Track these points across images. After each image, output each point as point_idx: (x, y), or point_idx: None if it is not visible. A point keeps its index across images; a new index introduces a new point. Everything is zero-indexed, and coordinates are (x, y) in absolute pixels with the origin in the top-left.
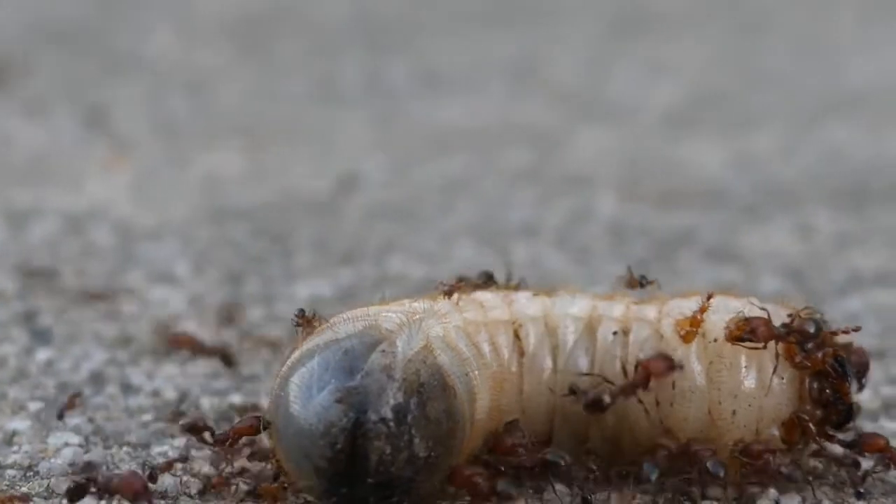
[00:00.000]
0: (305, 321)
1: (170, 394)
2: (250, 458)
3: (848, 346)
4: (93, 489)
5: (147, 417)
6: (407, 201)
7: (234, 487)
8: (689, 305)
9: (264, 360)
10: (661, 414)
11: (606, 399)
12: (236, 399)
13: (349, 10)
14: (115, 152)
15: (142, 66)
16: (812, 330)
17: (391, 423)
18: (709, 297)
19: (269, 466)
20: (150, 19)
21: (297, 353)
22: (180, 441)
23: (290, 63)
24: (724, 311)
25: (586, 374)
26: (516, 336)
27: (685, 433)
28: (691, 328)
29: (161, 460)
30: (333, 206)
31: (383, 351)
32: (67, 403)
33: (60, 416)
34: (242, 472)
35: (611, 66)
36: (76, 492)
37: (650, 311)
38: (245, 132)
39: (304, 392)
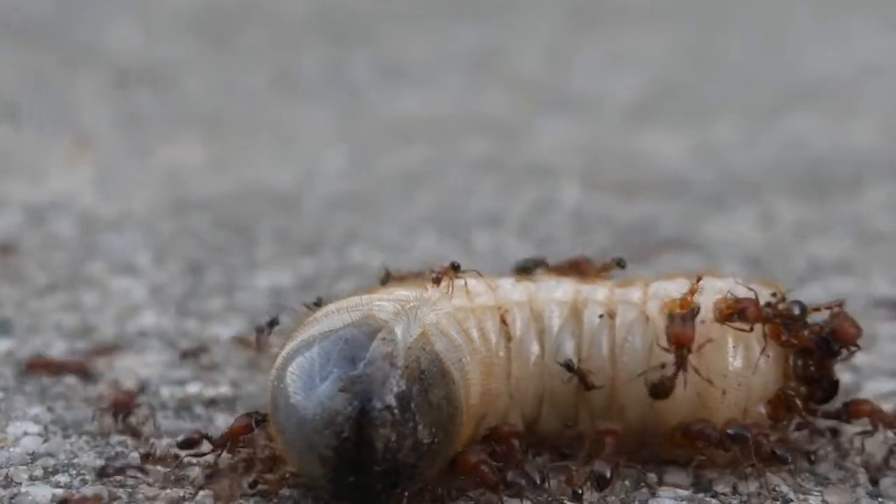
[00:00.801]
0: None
1: (129, 383)
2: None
3: (837, 319)
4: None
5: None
6: (368, 192)
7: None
8: (674, 287)
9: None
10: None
11: (669, 383)
12: (195, 389)
13: (311, 3)
14: (77, 145)
15: (104, 59)
16: (797, 312)
17: (396, 411)
18: (698, 280)
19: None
20: (111, 12)
21: (291, 345)
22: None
23: (252, 56)
24: (710, 293)
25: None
26: (503, 321)
27: (676, 415)
28: (682, 310)
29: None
30: (295, 197)
31: (383, 339)
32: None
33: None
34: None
35: (572, 58)
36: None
37: (634, 294)
38: (207, 124)
39: (305, 383)
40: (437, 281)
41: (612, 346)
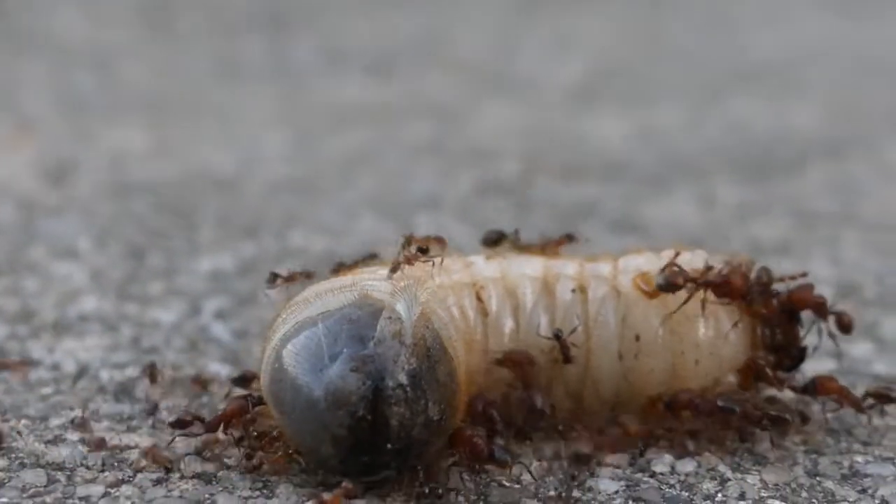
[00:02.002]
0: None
1: (70, 367)
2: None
3: (802, 289)
4: None
5: (47, 390)
6: (309, 176)
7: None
8: (642, 261)
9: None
10: (625, 367)
11: (680, 280)
12: (135, 372)
13: None
14: (18, 130)
15: (47, 44)
16: (766, 278)
17: (408, 389)
18: (676, 255)
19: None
20: None
21: (287, 326)
22: (79, 413)
23: (194, 41)
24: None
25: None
26: (478, 298)
27: (650, 386)
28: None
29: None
30: (237, 182)
31: (389, 318)
32: None
33: None
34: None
35: (515, 42)
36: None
37: (604, 268)
38: (150, 109)
39: (313, 363)
40: (409, 261)
41: (585, 321)
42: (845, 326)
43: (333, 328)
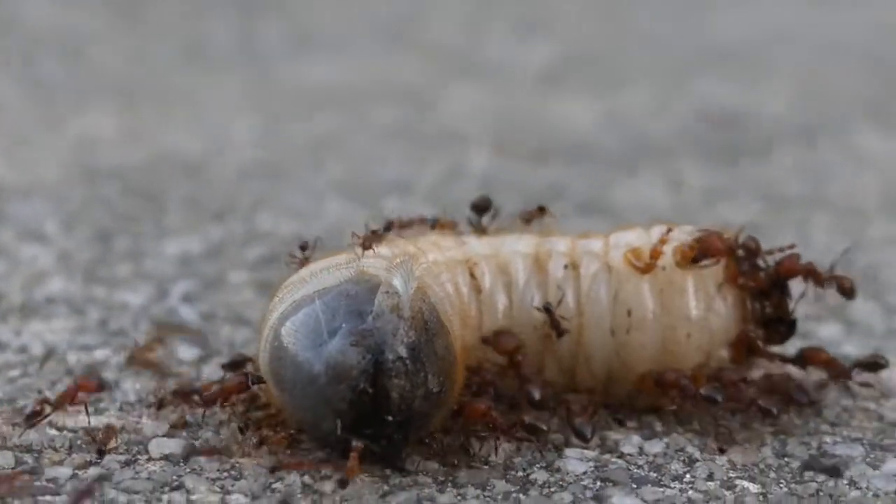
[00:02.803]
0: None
1: (37, 349)
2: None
3: (789, 259)
4: None
5: (14, 373)
6: (278, 160)
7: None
8: (633, 237)
9: (132, 315)
10: (617, 342)
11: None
12: (102, 354)
13: None
14: None
15: (15, 29)
16: (753, 245)
17: (408, 361)
18: (668, 231)
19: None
20: None
21: (284, 306)
22: (46, 395)
23: (163, 26)
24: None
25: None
26: (471, 275)
27: (642, 361)
28: (652, 260)
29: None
30: (205, 166)
31: (387, 292)
32: None
33: None
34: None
35: (484, 26)
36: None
37: (595, 245)
38: (118, 94)
39: (312, 339)
40: (375, 239)
41: (577, 296)
42: (847, 290)
43: (331, 304)
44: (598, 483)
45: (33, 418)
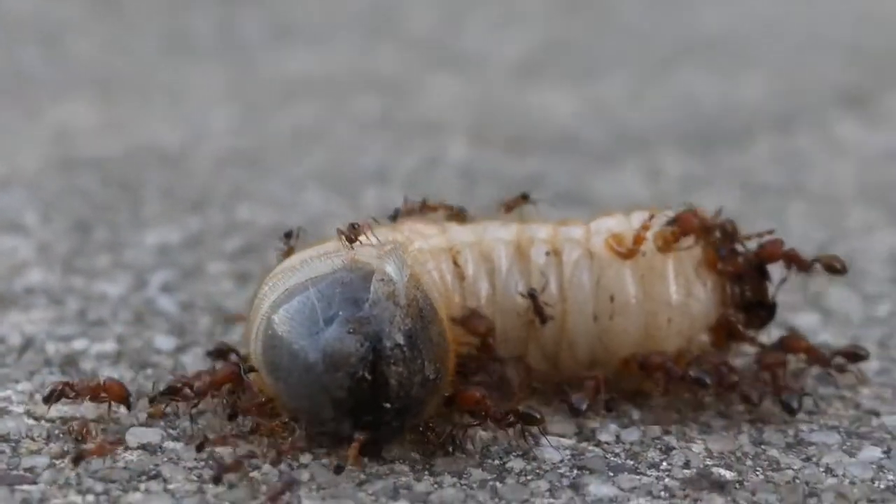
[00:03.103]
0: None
1: (15, 340)
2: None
3: (771, 243)
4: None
5: None
6: (257, 150)
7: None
8: (614, 224)
9: (111, 305)
10: (600, 328)
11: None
12: (81, 345)
13: None
14: None
15: None
16: (730, 227)
17: (405, 349)
18: (651, 217)
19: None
20: None
21: (276, 295)
22: (24, 385)
23: (142, 16)
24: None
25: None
26: (455, 262)
27: (625, 346)
28: (635, 245)
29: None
30: (184, 156)
31: (382, 280)
32: None
33: None
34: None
35: (463, 16)
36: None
37: (576, 232)
38: (97, 85)
39: (308, 327)
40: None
41: (560, 283)
42: (838, 269)
43: (326, 292)
44: (575, 471)
45: (52, 398)
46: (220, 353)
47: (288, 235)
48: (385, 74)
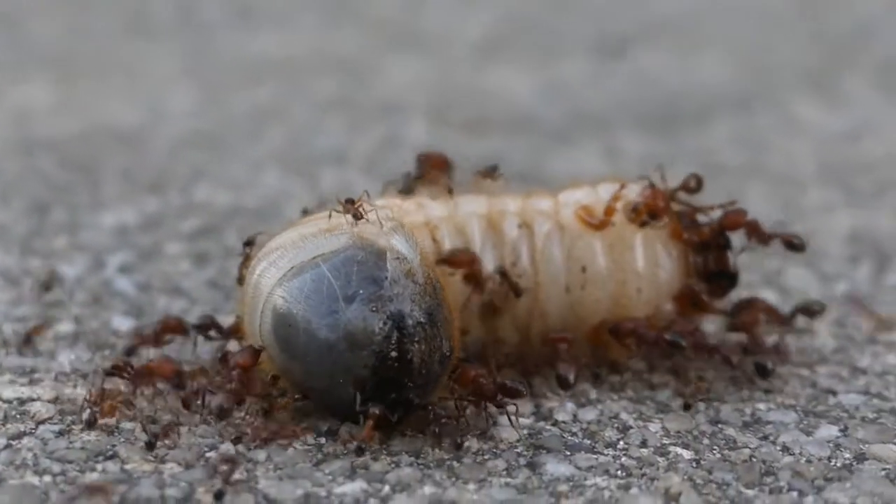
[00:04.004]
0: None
1: None
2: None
3: (735, 213)
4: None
5: None
6: (216, 130)
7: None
8: (582, 195)
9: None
10: (572, 298)
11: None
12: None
13: None
14: None
15: None
16: (693, 184)
17: (426, 326)
18: (621, 188)
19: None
20: None
21: (280, 272)
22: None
23: None
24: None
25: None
26: (433, 238)
27: (596, 315)
28: (607, 216)
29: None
30: (142, 137)
31: (398, 258)
32: None
33: None
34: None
35: None
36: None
37: (545, 204)
38: (56, 66)
39: (328, 306)
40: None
41: (532, 255)
42: (797, 245)
43: (342, 270)
44: (532, 450)
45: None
46: (205, 326)
47: (249, 244)
48: (344, 55)
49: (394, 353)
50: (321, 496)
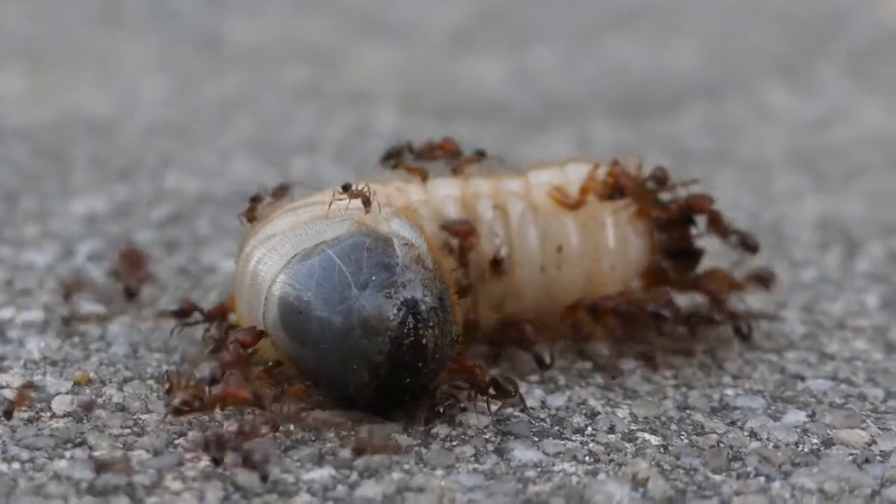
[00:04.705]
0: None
1: None
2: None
3: (701, 196)
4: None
5: None
6: (186, 119)
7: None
8: (552, 176)
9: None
10: (547, 278)
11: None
12: (7, 314)
13: None
14: None
15: None
16: (660, 174)
17: (438, 311)
18: (595, 167)
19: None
20: None
21: (282, 260)
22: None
23: None
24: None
25: None
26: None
27: (570, 294)
28: (582, 196)
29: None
30: (113, 125)
31: (406, 244)
32: None
33: None
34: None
35: None
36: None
37: (515, 185)
38: (27, 54)
39: (340, 293)
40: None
41: (508, 236)
42: (751, 247)
43: (352, 256)
44: (500, 436)
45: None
46: (184, 311)
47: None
48: (315, 44)
49: (409, 339)
50: (289, 483)
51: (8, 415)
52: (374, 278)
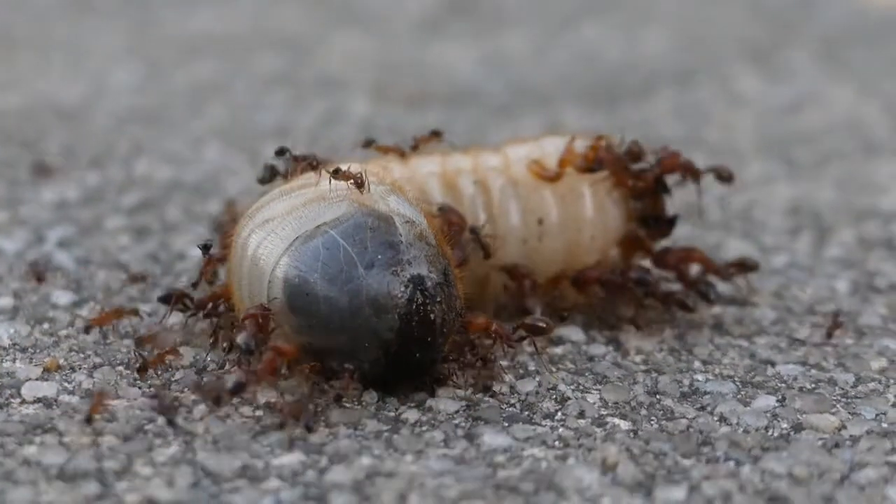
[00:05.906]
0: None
1: None
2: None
3: (670, 155)
4: None
5: None
6: (158, 106)
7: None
8: (529, 150)
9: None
10: (529, 250)
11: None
12: None
13: None
14: None
15: None
16: (636, 148)
17: (444, 287)
18: (572, 140)
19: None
20: None
21: (284, 242)
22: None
23: None
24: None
25: None
26: None
27: (552, 266)
28: (562, 168)
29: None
30: (83, 113)
31: (407, 222)
32: None
33: None
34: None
35: None
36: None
37: (493, 160)
38: None
39: (347, 273)
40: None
41: (489, 211)
42: (727, 177)
43: (356, 236)
44: (470, 421)
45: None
46: (169, 297)
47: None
48: (286, 31)
49: (418, 315)
50: (259, 468)
51: None
52: (379, 257)
